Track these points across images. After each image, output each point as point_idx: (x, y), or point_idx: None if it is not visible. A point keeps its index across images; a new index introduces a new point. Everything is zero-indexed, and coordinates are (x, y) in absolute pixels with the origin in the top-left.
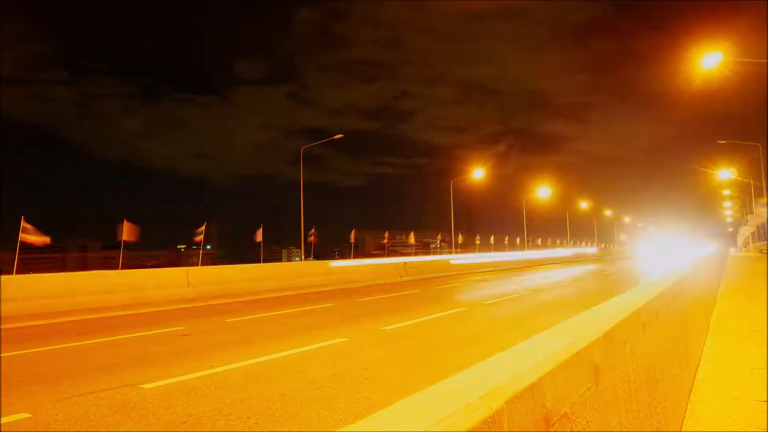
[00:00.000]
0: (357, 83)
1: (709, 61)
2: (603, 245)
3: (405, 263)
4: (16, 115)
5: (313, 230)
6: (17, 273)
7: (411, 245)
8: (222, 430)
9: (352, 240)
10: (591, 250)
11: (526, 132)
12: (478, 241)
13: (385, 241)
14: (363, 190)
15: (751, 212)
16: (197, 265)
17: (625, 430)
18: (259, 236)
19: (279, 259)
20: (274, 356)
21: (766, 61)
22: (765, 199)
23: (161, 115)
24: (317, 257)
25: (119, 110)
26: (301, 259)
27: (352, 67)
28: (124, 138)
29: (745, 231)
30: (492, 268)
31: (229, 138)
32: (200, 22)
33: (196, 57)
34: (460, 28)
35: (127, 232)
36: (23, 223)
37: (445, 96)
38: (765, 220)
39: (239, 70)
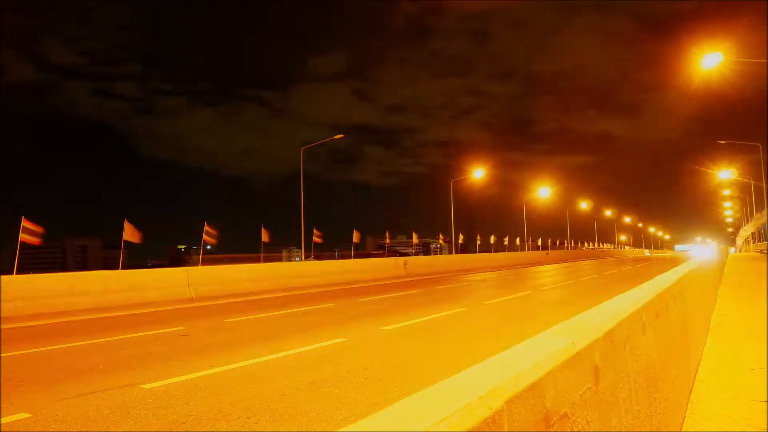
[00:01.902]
0: (428, 78)
1: (709, 61)
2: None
3: None
4: (74, 111)
5: (315, 231)
6: (17, 273)
7: (412, 245)
8: (222, 430)
9: (355, 240)
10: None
11: (575, 131)
12: (479, 242)
13: (387, 241)
14: (389, 191)
15: (752, 212)
16: (197, 265)
17: (625, 430)
18: (264, 236)
19: (279, 259)
20: (274, 356)
21: (766, 61)
22: (766, 202)
23: (221, 113)
24: (318, 257)
25: (183, 107)
26: (301, 259)
27: (429, 61)
28: (180, 136)
29: (745, 231)
30: None
31: (279, 135)
32: (291, 15)
33: (274, 53)
34: (550, 20)
35: (128, 232)
36: (23, 223)
37: (509, 92)
38: (765, 222)
39: (314, 65)
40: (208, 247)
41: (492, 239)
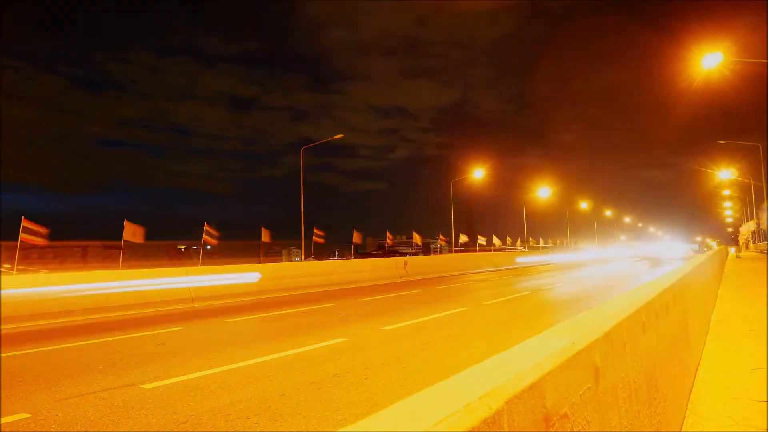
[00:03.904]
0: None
1: (709, 61)
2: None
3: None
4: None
5: (315, 230)
6: (17, 273)
7: (413, 245)
8: (222, 430)
9: (355, 240)
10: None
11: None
12: (481, 242)
13: (388, 241)
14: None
15: (752, 213)
16: (197, 264)
17: (625, 430)
18: (264, 236)
19: (279, 259)
20: (274, 356)
21: (766, 60)
22: (765, 204)
23: (279, 109)
24: (317, 257)
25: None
26: (301, 260)
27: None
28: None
29: (745, 231)
30: None
31: (316, 134)
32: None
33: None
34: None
35: (128, 232)
36: (23, 223)
37: (576, 90)
38: (766, 224)
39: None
40: (208, 247)
41: (495, 240)
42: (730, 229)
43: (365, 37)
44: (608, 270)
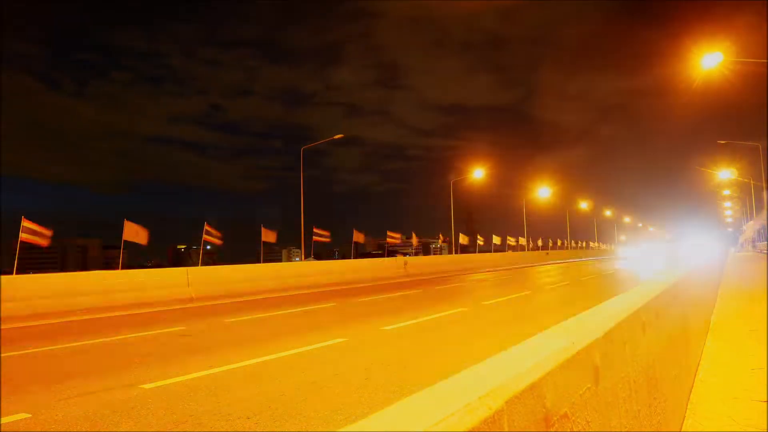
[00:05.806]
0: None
1: (709, 61)
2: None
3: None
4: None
5: (315, 230)
6: (17, 273)
7: (412, 246)
8: (222, 430)
9: (356, 240)
10: None
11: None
12: (480, 242)
13: (387, 240)
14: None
15: (752, 212)
16: (197, 265)
17: (625, 430)
18: (265, 236)
19: (279, 259)
20: (274, 356)
21: (766, 61)
22: (766, 202)
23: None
24: (317, 257)
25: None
26: (301, 260)
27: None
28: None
29: (746, 232)
30: None
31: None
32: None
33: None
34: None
35: (131, 232)
36: (24, 222)
37: (638, 87)
38: (765, 225)
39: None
40: (208, 247)
41: (497, 240)
42: (730, 229)
43: (444, 31)
44: None
